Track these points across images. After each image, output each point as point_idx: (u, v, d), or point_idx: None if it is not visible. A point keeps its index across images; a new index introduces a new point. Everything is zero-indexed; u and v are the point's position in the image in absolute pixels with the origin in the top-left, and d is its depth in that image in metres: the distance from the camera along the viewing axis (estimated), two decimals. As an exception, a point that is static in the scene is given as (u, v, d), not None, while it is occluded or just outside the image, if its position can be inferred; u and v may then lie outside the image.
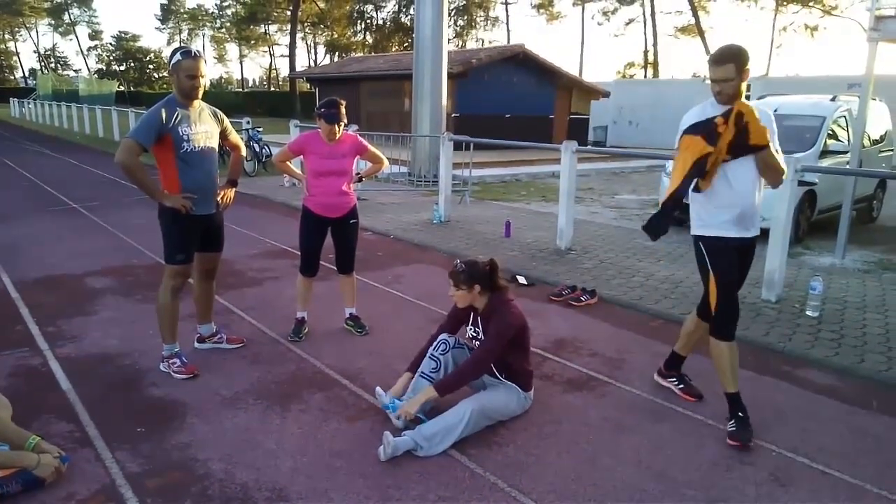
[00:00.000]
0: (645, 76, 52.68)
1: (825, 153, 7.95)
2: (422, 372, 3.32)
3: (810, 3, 44.55)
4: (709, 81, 3.21)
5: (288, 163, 4.46)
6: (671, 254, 7.03)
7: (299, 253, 4.42)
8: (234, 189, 4.03)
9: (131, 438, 3.08)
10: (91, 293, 5.34)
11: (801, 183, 5.47)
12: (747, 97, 3.21)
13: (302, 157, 4.30)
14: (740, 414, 3.24)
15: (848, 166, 7.73)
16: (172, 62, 3.53)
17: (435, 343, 3.39)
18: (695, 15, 47.46)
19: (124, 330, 4.50)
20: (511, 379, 3.34)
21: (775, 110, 8.96)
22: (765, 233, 5.85)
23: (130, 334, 4.41)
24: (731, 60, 3.07)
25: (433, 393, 3.11)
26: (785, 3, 46.02)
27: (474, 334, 3.37)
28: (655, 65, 52.35)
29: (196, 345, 4.18)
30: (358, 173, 4.51)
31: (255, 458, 2.94)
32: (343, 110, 4.14)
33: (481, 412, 3.14)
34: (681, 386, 3.71)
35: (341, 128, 4.18)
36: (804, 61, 79.86)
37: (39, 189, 11.23)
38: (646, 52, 53.68)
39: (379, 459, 2.93)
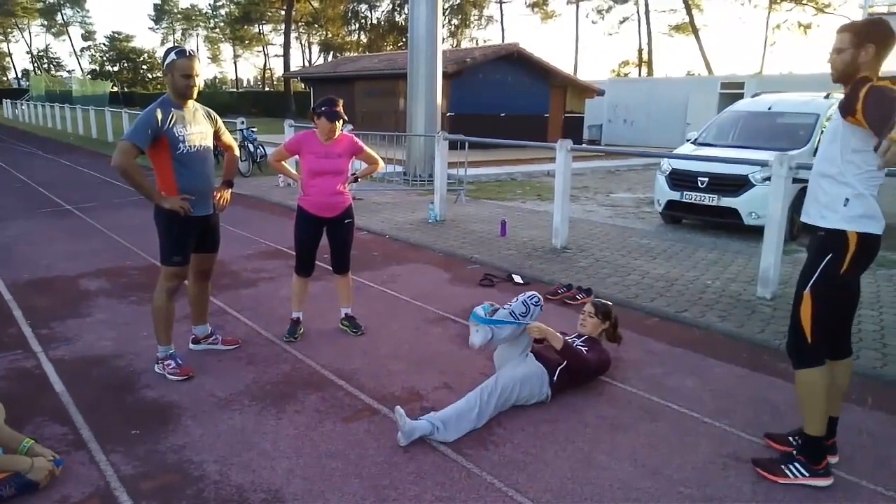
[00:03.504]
0: (639, 74, 52.78)
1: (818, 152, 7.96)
2: (513, 310, 3.47)
3: (803, 1, 44.69)
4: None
5: (283, 162, 4.46)
6: (666, 251, 7.04)
7: (294, 253, 4.41)
8: (230, 190, 4.01)
9: (126, 441, 3.06)
10: (85, 295, 5.32)
11: (795, 180, 5.47)
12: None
13: (297, 156, 4.30)
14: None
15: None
16: (167, 62, 3.51)
17: (532, 295, 3.57)
18: (689, 13, 47.55)
19: (118, 332, 4.48)
20: (559, 381, 3.51)
21: (769, 108, 9.07)
22: (759, 230, 5.88)
23: (125, 336, 4.39)
24: (847, 30, 2.67)
25: (560, 342, 3.50)
26: (778, 1, 46.19)
27: (573, 340, 3.79)
28: (650, 63, 52.46)
29: (191, 346, 4.16)
30: (353, 174, 4.51)
31: (251, 459, 2.93)
32: (342, 108, 4.15)
33: (491, 392, 3.27)
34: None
35: (341, 125, 4.18)
36: (798, 59, 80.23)
37: (32, 190, 11.17)
38: (640, 51, 53.81)
39: (375, 460, 2.92)
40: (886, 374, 3.96)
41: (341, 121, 4.16)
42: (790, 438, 3.09)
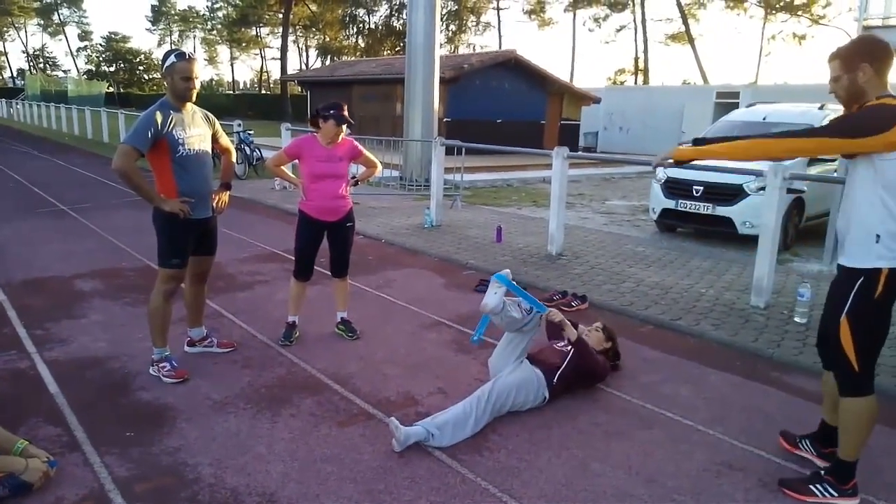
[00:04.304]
0: (635, 83, 53.00)
1: (813, 161, 8.03)
2: (519, 303, 3.56)
3: (799, 13, 45.02)
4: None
5: (283, 167, 4.45)
6: (661, 259, 7.07)
7: (294, 257, 4.40)
8: (227, 192, 4.01)
9: (120, 443, 3.05)
10: (79, 296, 5.30)
11: (789, 190, 5.52)
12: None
13: (297, 161, 4.30)
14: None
15: (836, 174, 7.81)
16: (166, 64, 3.52)
17: (532, 305, 3.61)
18: (685, 22, 47.85)
19: (113, 333, 4.47)
20: (559, 384, 3.54)
21: (764, 118, 9.13)
22: (753, 239, 5.92)
23: (119, 338, 4.38)
24: (836, 56, 2.65)
25: (574, 333, 3.62)
26: (774, 13, 46.49)
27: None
28: (646, 71, 52.70)
29: (186, 348, 4.15)
30: (353, 177, 4.52)
31: (246, 462, 2.93)
32: (347, 113, 4.20)
33: (487, 399, 3.27)
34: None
35: (345, 129, 4.23)
36: (792, 70, 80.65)
37: (27, 190, 11.13)
38: (636, 59, 54.04)
39: (370, 465, 2.93)
40: (879, 384, 3.97)
41: (346, 125, 4.19)
42: (799, 442, 3.13)
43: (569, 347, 3.72)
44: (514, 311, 3.47)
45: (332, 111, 4.14)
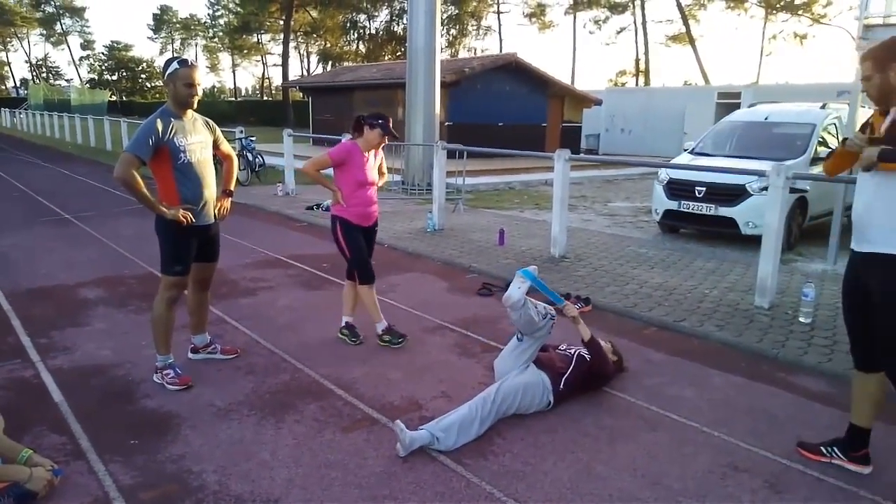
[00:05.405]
0: (636, 84, 53.01)
1: (816, 160, 8.02)
2: (540, 309, 3.56)
3: (799, 12, 44.99)
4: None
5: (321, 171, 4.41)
6: (664, 261, 7.05)
7: (355, 264, 4.43)
8: (229, 199, 4.02)
9: (124, 450, 3.06)
10: (83, 304, 5.31)
11: (792, 190, 5.50)
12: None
13: (333, 167, 4.32)
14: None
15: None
16: (169, 71, 3.53)
17: (552, 298, 3.71)
18: (685, 23, 47.84)
19: (117, 341, 4.47)
20: (564, 389, 3.54)
21: (766, 118, 9.13)
22: (756, 240, 5.91)
23: (123, 345, 4.39)
24: (867, 57, 2.76)
25: (588, 333, 3.69)
26: (774, 12, 46.46)
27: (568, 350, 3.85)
28: (647, 73, 52.69)
29: (190, 355, 4.15)
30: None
31: (250, 469, 2.93)
32: None
33: (493, 400, 3.27)
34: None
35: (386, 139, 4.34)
36: (794, 69, 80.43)
37: (31, 199, 11.17)
38: (637, 61, 54.03)
39: (374, 470, 2.92)
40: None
41: (389, 136, 4.31)
42: (822, 449, 3.11)
43: (573, 351, 3.72)
44: (534, 313, 3.48)
45: (380, 120, 4.24)
